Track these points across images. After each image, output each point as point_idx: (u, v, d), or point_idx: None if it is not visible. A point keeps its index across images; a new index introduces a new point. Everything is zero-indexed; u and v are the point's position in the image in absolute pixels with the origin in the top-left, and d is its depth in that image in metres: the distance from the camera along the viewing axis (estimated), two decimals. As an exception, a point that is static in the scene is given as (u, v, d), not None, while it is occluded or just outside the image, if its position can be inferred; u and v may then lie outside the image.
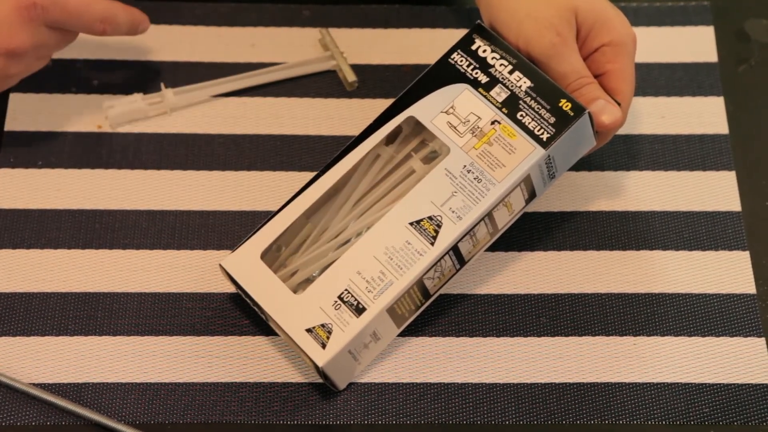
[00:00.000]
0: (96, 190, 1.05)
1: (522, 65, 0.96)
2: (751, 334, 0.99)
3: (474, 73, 0.97)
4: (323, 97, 1.10)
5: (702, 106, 1.10)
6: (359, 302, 0.93)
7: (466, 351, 0.99)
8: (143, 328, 0.99)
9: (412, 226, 0.94)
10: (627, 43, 0.97)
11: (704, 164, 1.07)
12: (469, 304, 1.00)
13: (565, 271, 1.02)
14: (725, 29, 1.14)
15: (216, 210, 1.04)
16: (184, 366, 0.97)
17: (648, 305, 1.01)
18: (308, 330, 0.93)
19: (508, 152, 0.94)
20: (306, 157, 1.07)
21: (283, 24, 1.14)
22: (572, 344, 0.99)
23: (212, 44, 1.12)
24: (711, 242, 1.04)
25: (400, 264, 0.93)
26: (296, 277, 0.97)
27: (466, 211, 0.93)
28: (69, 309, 0.99)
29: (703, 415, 0.96)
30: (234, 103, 1.10)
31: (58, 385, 0.96)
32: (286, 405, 0.96)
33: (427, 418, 0.96)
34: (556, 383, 0.97)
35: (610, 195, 1.06)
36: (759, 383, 0.97)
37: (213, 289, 1.01)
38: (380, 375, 0.97)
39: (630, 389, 0.97)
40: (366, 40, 1.13)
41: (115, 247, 1.02)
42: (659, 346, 0.99)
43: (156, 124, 1.08)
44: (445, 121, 0.96)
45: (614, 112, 0.95)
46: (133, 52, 1.11)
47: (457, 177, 0.94)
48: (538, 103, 0.95)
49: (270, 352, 0.98)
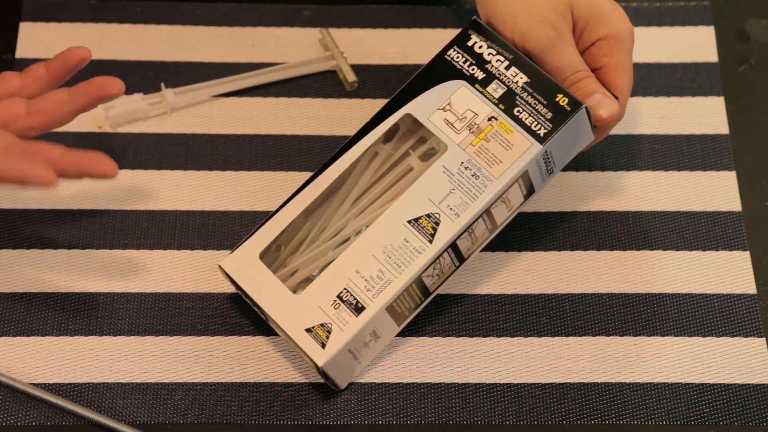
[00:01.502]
0: (96, 190, 1.05)
1: (518, 61, 0.96)
2: (752, 334, 0.99)
3: (470, 69, 0.97)
4: (323, 97, 1.10)
5: (702, 106, 1.10)
6: (358, 301, 0.93)
7: (466, 351, 0.98)
8: (143, 328, 0.99)
9: (410, 224, 0.94)
10: (624, 36, 0.97)
11: (704, 164, 1.07)
12: (469, 304, 1.00)
13: (566, 271, 1.02)
14: (725, 29, 1.14)
15: (216, 210, 1.04)
16: (184, 366, 0.97)
17: (648, 305, 1.01)
18: (308, 330, 0.93)
19: (505, 148, 0.94)
20: (306, 157, 1.07)
21: (283, 24, 1.14)
22: (572, 344, 0.99)
23: (212, 44, 1.12)
24: (711, 242, 1.03)
25: (399, 262, 0.93)
26: (296, 277, 0.97)
27: (464, 208, 0.93)
28: (69, 309, 0.99)
29: (703, 415, 0.96)
30: (234, 103, 1.10)
31: (58, 385, 0.96)
32: (287, 405, 0.96)
33: (427, 418, 0.96)
34: (557, 383, 0.97)
35: (610, 195, 1.06)
36: (759, 383, 0.97)
37: (213, 289, 1.01)
38: (380, 375, 0.97)
39: (630, 389, 0.97)
40: (366, 40, 1.13)
41: (115, 247, 1.03)
42: (660, 346, 0.99)
43: (156, 124, 1.08)
44: (442, 118, 0.96)
45: (612, 106, 0.95)
46: (133, 52, 1.11)
47: (455, 174, 0.94)
48: (534, 98, 0.95)
49: (270, 352, 0.98)
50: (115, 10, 1.14)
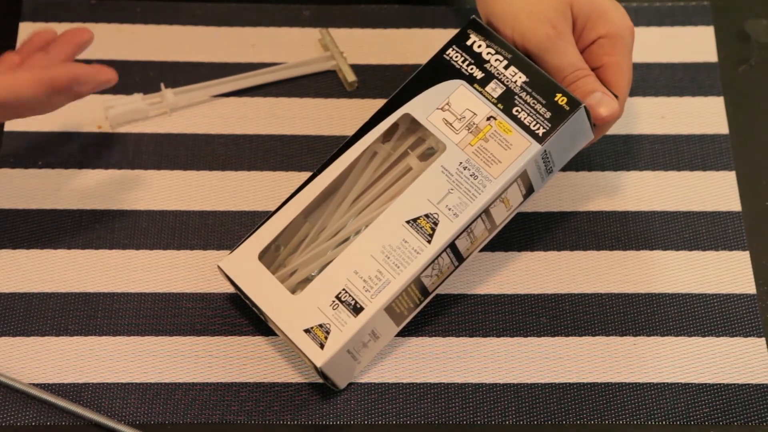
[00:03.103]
0: (96, 190, 1.05)
1: (517, 60, 0.96)
2: (752, 334, 0.99)
3: (469, 68, 0.97)
4: (323, 97, 1.10)
5: (702, 106, 1.10)
6: (357, 302, 0.93)
7: (466, 351, 0.98)
8: (143, 328, 0.99)
9: (409, 224, 0.94)
10: (624, 35, 0.97)
11: (704, 164, 1.07)
12: (469, 304, 1.00)
13: (565, 271, 1.02)
14: (725, 29, 1.14)
15: (216, 210, 1.04)
16: (184, 366, 0.97)
17: (648, 305, 1.01)
18: (306, 330, 0.93)
19: (504, 148, 0.94)
20: (306, 157, 1.07)
21: (283, 24, 1.14)
22: (572, 344, 0.99)
23: (212, 44, 1.13)
24: (711, 242, 1.03)
25: (397, 263, 0.93)
26: (295, 277, 0.97)
27: (462, 208, 0.93)
28: (69, 309, 1.00)
29: (703, 415, 0.96)
30: (234, 103, 1.10)
31: (58, 386, 0.96)
32: (286, 405, 0.96)
33: (427, 419, 0.96)
34: (557, 383, 0.97)
35: (610, 195, 1.06)
36: (759, 383, 0.97)
37: (213, 289, 1.01)
38: (380, 375, 0.97)
39: (630, 389, 0.97)
40: (366, 40, 1.13)
41: (115, 247, 1.03)
42: (659, 346, 0.99)
43: (156, 124, 1.08)
44: (440, 118, 0.96)
45: (611, 105, 0.95)
46: (133, 52, 1.11)
47: (453, 174, 0.94)
48: (533, 98, 0.95)
49: (270, 353, 0.98)
50: (115, 10, 1.14)
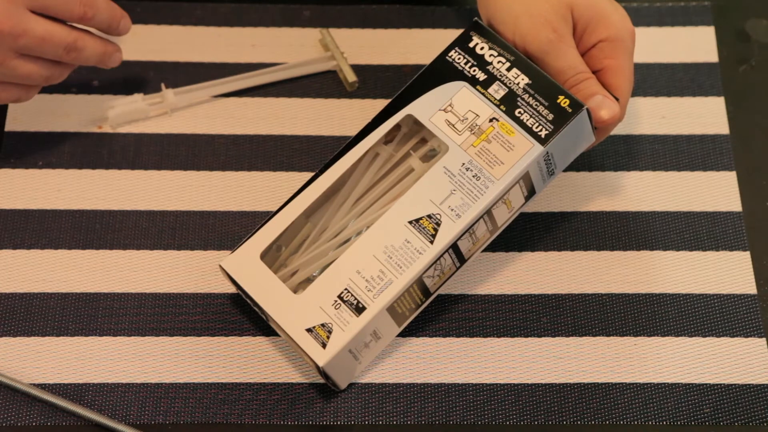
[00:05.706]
0: (96, 190, 1.05)
1: (519, 62, 0.96)
2: (752, 334, 0.99)
3: (472, 70, 0.97)
4: (323, 97, 1.10)
5: (702, 107, 1.10)
6: (359, 301, 0.93)
7: (466, 351, 0.98)
8: (143, 328, 0.99)
9: (412, 224, 0.94)
10: (625, 38, 0.97)
11: (704, 164, 1.07)
12: (469, 304, 1.00)
13: (566, 271, 1.02)
14: (726, 29, 1.14)
15: (216, 210, 1.04)
16: (184, 366, 0.97)
17: (649, 305, 1.01)
18: (308, 330, 0.93)
19: (506, 149, 0.94)
20: (306, 157, 1.07)
21: (283, 24, 1.14)
22: (572, 344, 0.99)
23: (212, 44, 1.12)
24: (711, 242, 1.04)
25: (400, 263, 0.93)
26: (296, 277, 0.97)
27: (465, 209, 0.93)
28: (69, 309, 0.99)
29: (704, 415, 0.96)
30: (234, 103, 1.10)
31: (58, 386, 0.96)
32: (287, 405, 0.96)
33: (427, 419, 0.96)
34: (557, 384, 0.97)
35: (610, 195, 1.06)
36: (760, 383, 0.97)
37: (213, 289, 1.01)
38: (381, 375, 0.97)
39: (631, 390, 0.97)
40: (366, 40, 1.13)
41: (116, 247, 1.03)
42: (660, 346, 0.99)
43: (156, 125, 1.08)
44: (443, 119, 0.96)
45: (612, 107, 0.95)
46: (133, 52, 1.11)
47: (456, 175, 0.94)
48: (536, 99, 0.95)
49: (270, 352, 0.98)
50: (114, 11, 1.14)
